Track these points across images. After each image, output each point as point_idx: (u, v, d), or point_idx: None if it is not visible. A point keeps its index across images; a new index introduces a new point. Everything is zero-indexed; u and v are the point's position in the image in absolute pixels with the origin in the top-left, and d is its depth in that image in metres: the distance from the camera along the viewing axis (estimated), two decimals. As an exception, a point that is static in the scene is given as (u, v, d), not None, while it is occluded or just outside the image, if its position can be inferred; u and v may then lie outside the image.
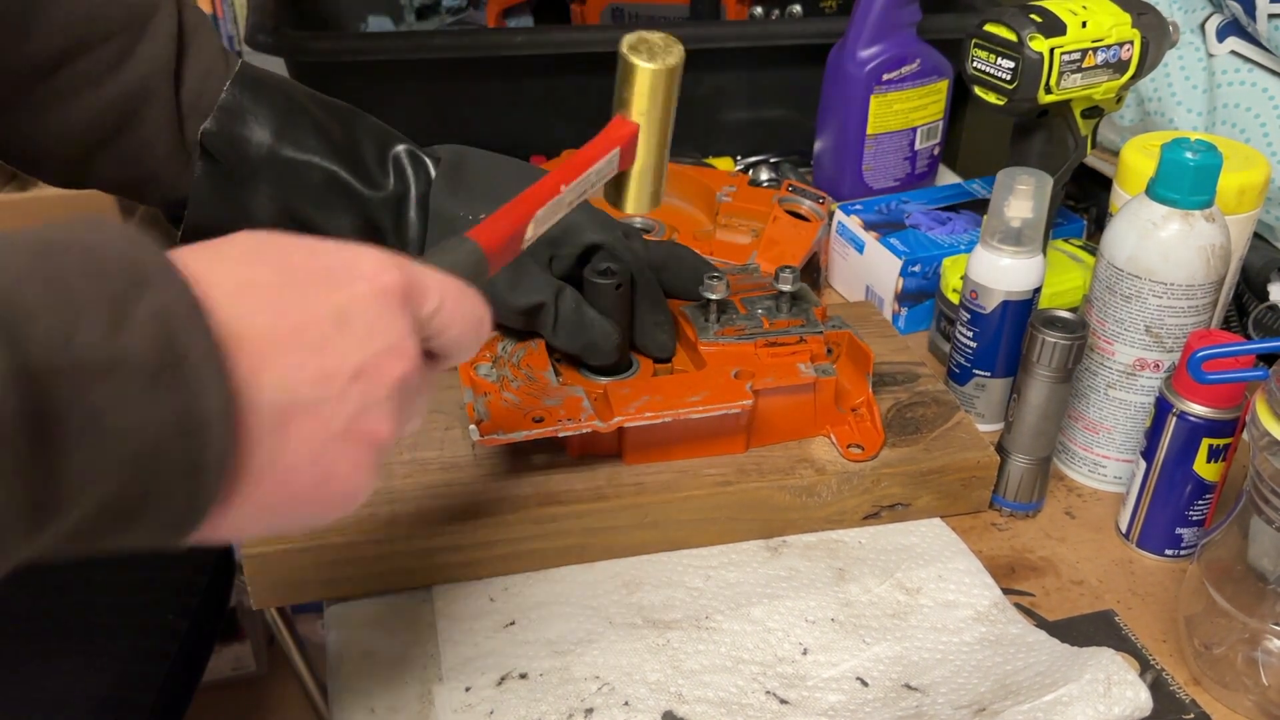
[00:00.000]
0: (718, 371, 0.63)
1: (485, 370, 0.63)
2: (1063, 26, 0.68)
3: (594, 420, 0.58)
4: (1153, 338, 0.62)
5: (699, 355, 0.64)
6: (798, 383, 0.62)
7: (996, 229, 0.66)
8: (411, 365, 0.37)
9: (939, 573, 0.60)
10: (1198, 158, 0.58)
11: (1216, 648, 0.55)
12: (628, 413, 0.58)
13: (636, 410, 0.59)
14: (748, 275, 0.73)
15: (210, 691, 1.24)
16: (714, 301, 0.65)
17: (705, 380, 0.62)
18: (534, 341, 0.65)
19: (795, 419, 0.63)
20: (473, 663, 0.54)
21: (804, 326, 0.65)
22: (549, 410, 0.59)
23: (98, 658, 0.83)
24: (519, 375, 0.62)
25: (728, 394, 0.60)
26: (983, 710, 0.51)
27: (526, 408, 0.59)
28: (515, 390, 0.61)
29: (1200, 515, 0.61)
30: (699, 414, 0.59)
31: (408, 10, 1.21)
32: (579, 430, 0.58)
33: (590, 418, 0.58)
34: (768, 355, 0.64)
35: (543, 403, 0.59)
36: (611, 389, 0.61)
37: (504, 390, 0.61)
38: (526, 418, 0.58)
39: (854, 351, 0.65)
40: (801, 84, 1.00)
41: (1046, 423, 0.63)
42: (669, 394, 0.60)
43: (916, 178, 1.00)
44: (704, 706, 0.52)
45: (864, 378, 0.64)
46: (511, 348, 0.65)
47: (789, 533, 0.63)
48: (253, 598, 0.57)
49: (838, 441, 0.63)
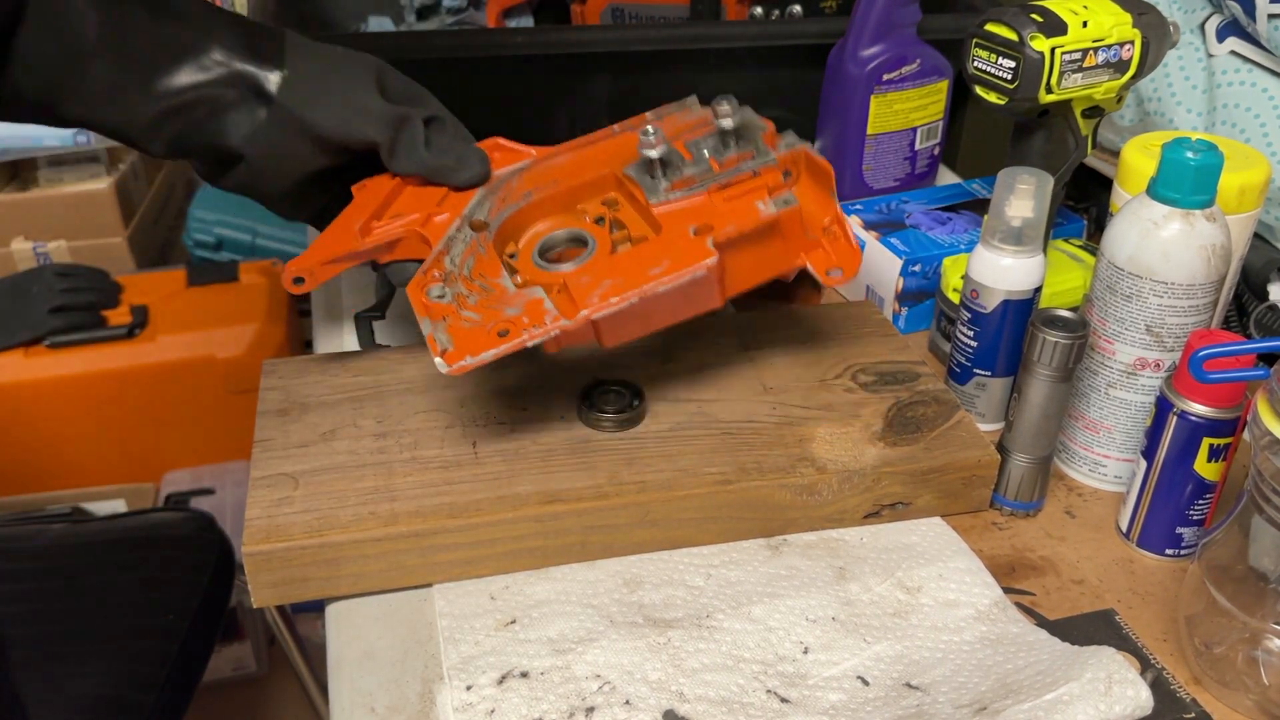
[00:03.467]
0: (676, 233, 0.60)
1: (438, 292, 0.60)
2: (1064, 26, 0.68)
3: (560, 321, 0.57)
4: (1153, 337, 0.62)
5: (654, 218, 0.62)
6: (760, 224, 0.60)
7: (997, 229, 0.66)
8: None
9: (940, 572, 0.60)
10: (1198, 157, 0.58)
11: (1217, 647, 0.55)
12: (591, 303, 0.57)
13: (600, 298, 0.57)
14: (685, 110, 0.71)
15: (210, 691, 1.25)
16: (656, 159, 0.62)
17: (665, 246, 0.60)
18: (480, 245, 0.63)
19: (766, 258, 0.62)
20: (473, 661, 0.54)
21: (755, 159, 0.63)
22: (512, 321, 0.57)
23: (98, 658, 0.83)
24: (474, 289, 0.60)
25: (689, 255, 0.58)
26: (984, 709, 0.51)
27: (489, 323, 0.57)
28: (473, 306, 0.59)
29: (1201, 515, 0.61)
30: (665, 286, 0.57)
31: (408, 10, 1.21)
32: (546, 336, 0.57)
33: (555, 319, 0.57)
34: (723, 201, 0.61)
35: (504, 313, 0.58)
36: (570, 279, 0.59)
37: (462, 310, 0.59)
38: (491, 334, 0.56)
39: (813, 169, 0.63)
40: (801, 84, 1.00)
41: (1047, 422, 0.63)
42: (630, 271, 0.58)
43: (916, 178, 1.00)
44: (705, 705, 0.52)
45: (828, 194, 0.62)
46: (460, 257, 0.63)
47: (790, 531, 0.63)
48: (253, 597, 0.57)
49: (815, 270, 0.61)
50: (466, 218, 0.66)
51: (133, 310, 1.56)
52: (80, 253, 1.98)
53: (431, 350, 0.57)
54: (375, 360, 0.70)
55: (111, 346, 1.53)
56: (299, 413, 0.65)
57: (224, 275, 1.67)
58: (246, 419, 0.70)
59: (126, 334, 1.53)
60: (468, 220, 0.66)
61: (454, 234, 0.64)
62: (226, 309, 1.61)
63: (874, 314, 0.77)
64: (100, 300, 1.57)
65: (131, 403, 1.54)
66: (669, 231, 0.61)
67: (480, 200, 0.67)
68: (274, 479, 0.60)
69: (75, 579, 0.92)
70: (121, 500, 1.60)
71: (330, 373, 0.69)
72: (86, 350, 1.52)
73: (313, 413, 0.65)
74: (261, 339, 1.58)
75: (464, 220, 0.66)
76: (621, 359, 0.71)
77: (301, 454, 0.62)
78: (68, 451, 1.56)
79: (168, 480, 1.61)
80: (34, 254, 1.97)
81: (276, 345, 1.60)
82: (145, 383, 1.54)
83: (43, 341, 1.50)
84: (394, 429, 0.64)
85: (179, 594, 0.93)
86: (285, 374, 0.69)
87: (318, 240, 0.68)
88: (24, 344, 1.50)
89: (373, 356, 0.71)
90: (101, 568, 0.93)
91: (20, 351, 1.50)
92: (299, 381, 0.68)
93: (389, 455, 0.62)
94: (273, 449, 0.62)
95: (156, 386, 1.54)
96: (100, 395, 1.52)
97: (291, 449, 0.62)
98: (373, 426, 0.64)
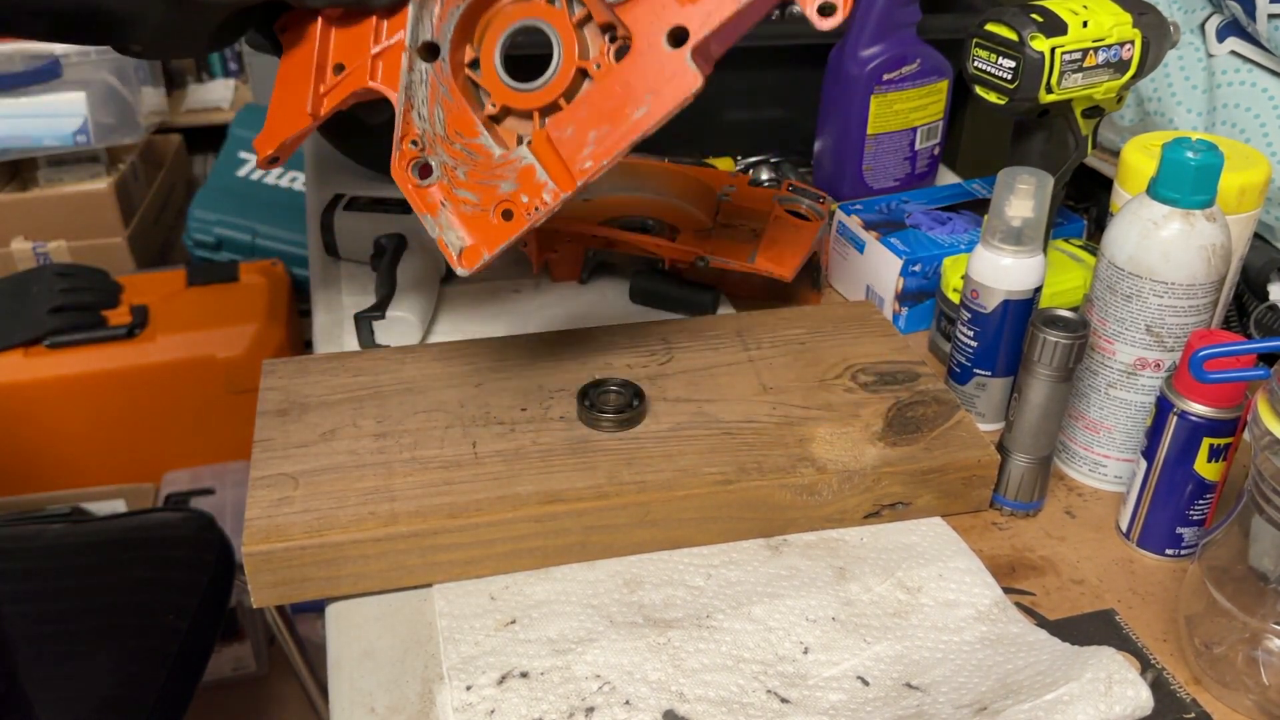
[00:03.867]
0: (648, 46, 0.55)
1: (427, 174, 0.57)
2: (1064, 26, 0.68)
3: (560, 195, 0.55)
4: (1153, 337, 0.62)
5: (618, 20, 0.56)
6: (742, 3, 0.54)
7: (997, 228, 0.66)
8: None
9: (940, 572, 0.60)
10: (1199, 157, 0.58)
11: (1217, 647, 0.55)
12: (585, 169, 0.55)
13: (592, 157, 0.55)
14: None
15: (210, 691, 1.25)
16: None
17: (640, 67, 0.55)
18: (441, 82, 0.59)
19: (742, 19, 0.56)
20: (473, 661, 0.54)
21: None
22: (510, 199, 0.55)
23: (98, 658, 0.83)
24: (457, 155, 0.57)
25: (671, 82, 0.54)
26: (984, 709, 0.51)
27: (488, 204, 0.55)
28: (465, 183, 0.56)
29: (1201, 515, 0.61)
30: (654, 127, 0.54)
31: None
32: (550, 213, 0.55)
33: (555, 194, 0.55)
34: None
35: (500, 190, 0.56)
36: (553, 133, 0.55)
37: (455, 189, 0.56)
38: (496, 218, 0.55)
39: None
40: (801, 84, 1.00)
41: (1047, 422, 0.63)
42: (612, 114, 0.55)
43: (916, 178, 1.00)
44: (705, 705, 0.52)
45: None
46: (426, 108, 0.58)
47: (790, 531, 0.63)
48: (253, 597, 0.57)
49: (804, 4, 0.55)
50: (412, 47, 0.60)
51: (133, 310, 1.56)
52: (80, 253, 1.98)
53: (447, 258, 0.54)
54: (375, 360, 0.70)
55: (111, 346, 1.53)
56: (299, 413, 0.65)
57: (224, 275, 1.67)
58: (246, 419, 0.70)
59: (126, 334, 1.54)
60: (415, 50, 0.60)
61: (408, 76, 0.59)
62: (226, 309, 1.61)
63: (874, 314, 0.77)
64: (100, 300, 1.57)
65: (131, 403, 1.54)
66: (639, 40, 0.55)
67: (418, 17, 0.60)
68: (274, 479, 0.60)
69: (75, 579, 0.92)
70: (121, 500, 1.61)
71: (330, 373, 0.69)
72: (86, 350, 1.52)
73: (313, 413, 0.65)
74: (261, 339, 1.58)
75: (411, 52, 0.60)
76: (621, 359, 0.71)
77: (301, 454, 0.62)
78: (68, 451, 1.56)
79: (167, 480, 1.61)
80: (34, 254, 1.97)
81: (276, 345, 1.60)
82: (145, 383, 1.54)
83: (43, 341, 1.50)
84: (394, 429, 0.64)
85: (179, 594, 0.94)
86: (285, 374, 0.69)
87: (272, 114, 0.64)
88: (24, 344, 1.50)
89: (373, 356, 0.71)
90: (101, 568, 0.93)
91: (20, 351, 1.50)
92: (299, 381, 0.68)
93: (389, 455, 0.62)
94: (273, 449, 0.62)
95: (156, 386, 1.54)
96: (100, 395, 1.52)
97: (291, 449, 0.62)
98: (373, 426, 0.64)
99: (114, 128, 2.00)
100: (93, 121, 1.93)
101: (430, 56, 0.60)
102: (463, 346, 0.72)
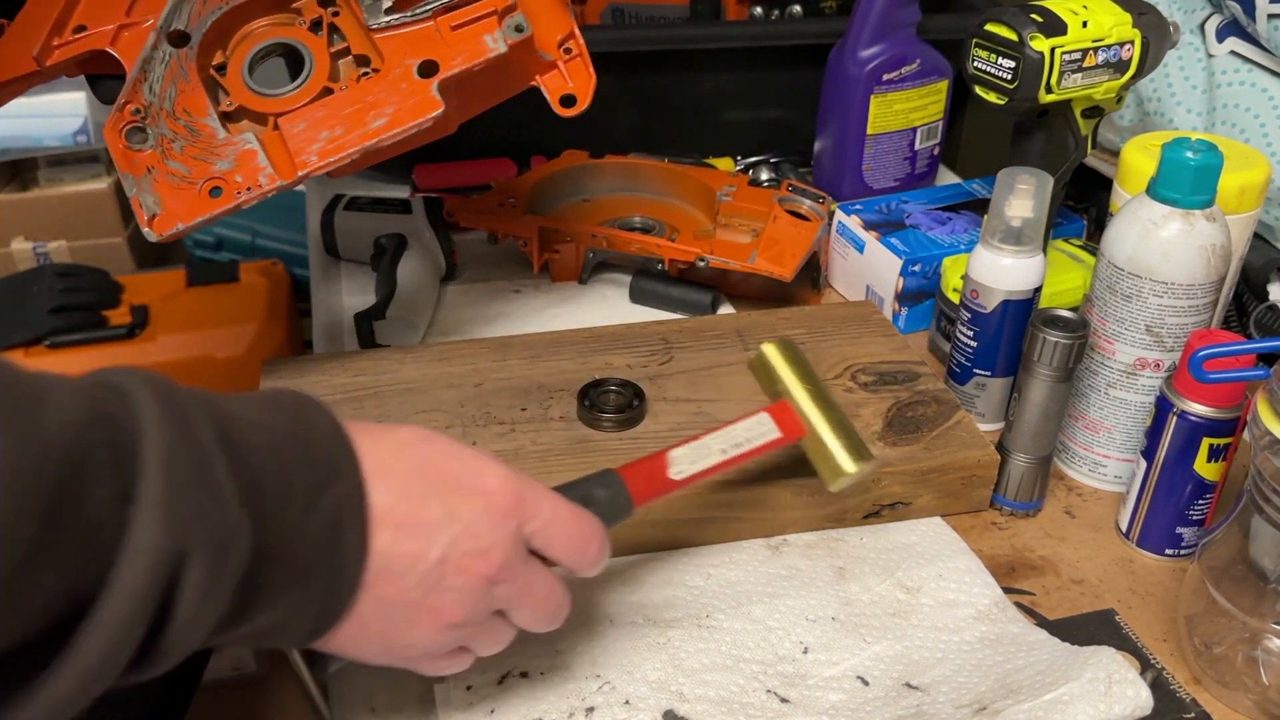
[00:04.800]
0: (399, 69, 0.56)
1: (141, 140, 0.56)
2: (1063, 26, 0.68)
3: (276, 181, 0.55)
4: (1153, 337, 0.62)
5: (375, 46, 0.58)
6: (487, 61, 0.56)
7: (997, 228, 0.66)
8: (495, 569, 0.44)
9: (939, 571, 0.60)
10: (1198, 157, 0.58)
11: (1217, 647, 0.55)
12: (309, 162, 0.55)
13: (319, 153, 0.55)
14: None
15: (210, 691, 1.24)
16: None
17: (387, 87, 0.56)
18: (182, 67, 0.59)
19: (495, 85, 0.59)
20: (473, 661, 0.54)
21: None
22: (224, 178, 0.55)
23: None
24: (179, 130, 0.56)
25: (414, 103, 0.55)
26: (983, 709, 0.51)
27: (199, 179, 0.55)
28: (180, 156, 0.55)
29: (1200, 515, 0.61)
30: (390, 138, 0.55)
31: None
32: (262, 196, 0.54)
33: (272, 178, 0.55)
34: (448, 30, 0.57)
35: (215, 167, 0.55)
36: (285, 125, 0.56)
37: (168, 160, 0.56)
38: (203, 193, 0.54)
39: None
40: (801, 84, 1.00)
41: (1047, 422, 0.63)
42: (350, 118, 0.56)
43: (916, 178, 1.00)
44: (705, 705, 0.52)
45: (563, 8, 0.58)
46: (160, 84, 0.58)
47: (789, 531, 0.63)
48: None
49: (549, 94, 0.58)
50: (163, 30, 0.60)
51: (133, 310, 1.56)
52: (80, 253, 1.98)
53: (138, 218, 0.54)
54: (375, 360, 0.70)
55: (111, 346, 1.53)
56: (299, 413, 0.65)
57: (224, 275, 1.67)
58: (246, 419, 0.70)
59: (126, 334, 1.53)
60: (165, 33, 0.60)
61: (150, 53, 0.59)
62: (226, 309, 1.61)
63: (874, 314, 0.77)
64: (100, 300, 1.57)
65: (132, 403, 1.54)
66: (391, 65, 0.57)
67: (176, 6, 0.60)
68: (274, 479, 0.60)
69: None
70: (122, 500, 1.60)
71: (330, 373, 0.69)
72: (86, 350, 1.51)
73: (313, 413, 0.65)
74: (261, 339, 1.58)
75: (160, 33, 0.60)
76: (621, 359, 0.71)
77: (301, 454, 0.62)
78: (68, 451, 1.56)
79: (168, 480, 1.61)
80: (34, 254, 1.97)
81: (276, 345, 1.60)
82: (145, 383, 1.53)
83: (43, 341, 1.50)
84: (394, 429, 0.64)
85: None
86: (285, 374, 0.69)
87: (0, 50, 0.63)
88: (24, 344, 1.50)
89: (373, 356, 0.71)
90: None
91: (20, 351, 1.49)
92: (299, 381, 0.68)
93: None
94: (273, 449, 0.62)
95: (157, 386, 1.54)
96: (100, 395, 1.52)
97: (291, 449, 0.62)
98: (373, 426, 0.64)
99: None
100: (93, 121, 1.93)
101: (179, 44, 0.60)
102: (463, 346, 0.72)
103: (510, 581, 0.44)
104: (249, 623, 0.39)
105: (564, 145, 0.96)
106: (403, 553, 0.42)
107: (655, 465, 0.53)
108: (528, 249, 0.87)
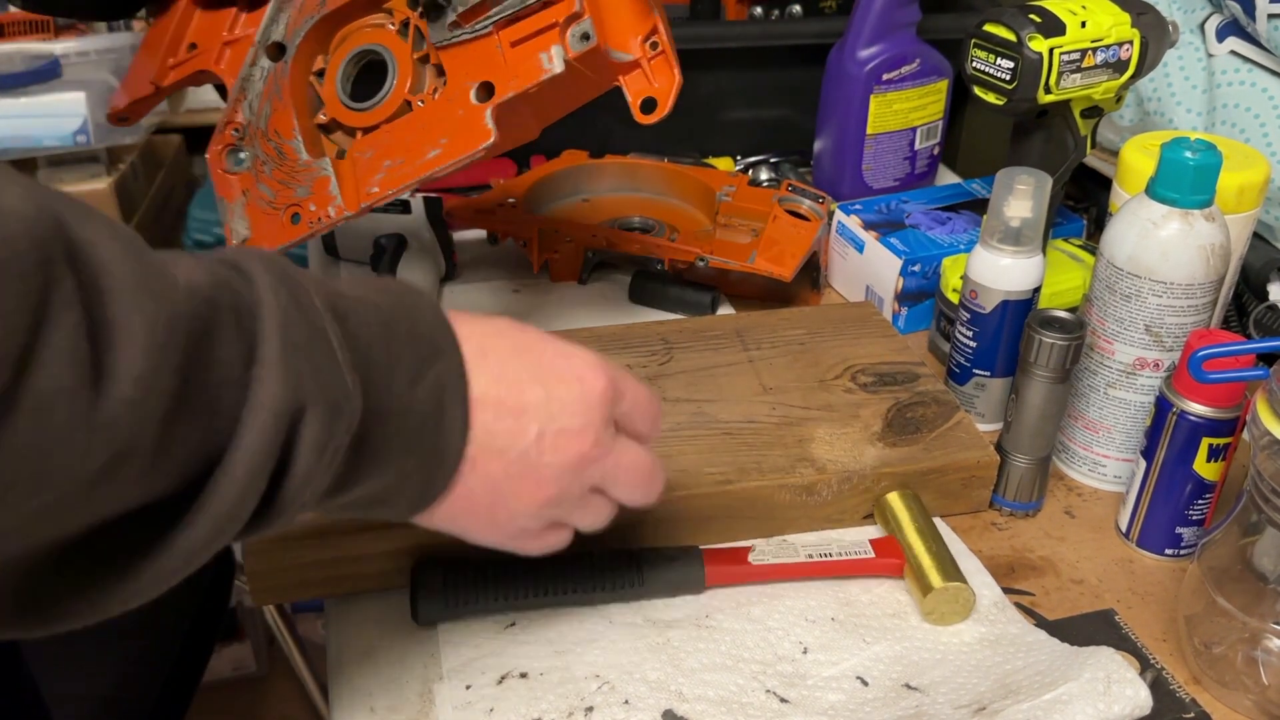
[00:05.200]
0: (458, 93, 0.57)
1: (239, 161, 0.58)
2: (1062, 26, 0.68)
3: (344, 212, 0.56)
4: (1153, 337, 0.62)
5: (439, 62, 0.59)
6: (542, 79, 0.55)
7: (996, 229, 0.66)
8: (589, 447, 0.46)
9: (939, 572, 0.60)
10: (1198, 157, 0.58)
11: (1216, 647, 0.55)
12: (371, 193, 0.57)
13: (380, 184, 0.57)
14: None
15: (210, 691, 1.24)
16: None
17: (444, 115, 0.57)
18: (276, 83, 0.60)
19: (573, 91, 0.58)
20: (473, 662, 0.54)
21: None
22: (301, 204, 0.57)
23: (98, 658, 0.83)
24: (269, 151, 0.58)
25: (468, 132, 0.56)
26: (983, 709, 0.51)
27: (281, 204, 0.57)
28: (269, 180, 0.57)
29: (1200, 515, 0.61)
30: (443, 169, 0.56)
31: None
32: (331, 227, 0.56)
33: (340, 210, 0.56)
34: (509, 45, 0.56)
35: (295, 193, 0.57)
36: (354, 153, 0.57)
37: (259, 183, 0.57)
38: (285, 219, 0.56)
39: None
40: (801, 84, 1.00)
41: (1045, 423, 0.63)
42: (410, 148, 0.57)
43: (916, 178, 1.00)
44: (704, 705, 0.52)
45: (644, 5, 0.56)
46: (258, 101, 0.60)
47: (789, 532, 0.63)
48: (253, 596, 0.57)
49: (630, 97, 0.57)
50: (261, 43, 0.61)
51: (133, 310, 1.56)
52: (80, 253, 1.98)
53: (229, 243, 0.56)
54: (375, 360, 0.70)
55: (112, 346, 1.53)
56: (299, 413, 0.65)
57: (224, 275, 1.67)
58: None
59: (126, 334, 1.53)
60: (263, 46, 0.61)
61: (249, 69, 0.61)
62: (226, 309, 1.61)
63: (874, 314, 0.77)
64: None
65: (132, 403, 1.54)
66: (451, 89, 0.57)
67: (274, 16, 0.62)
68: (274, 479, 0.60)
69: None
70: (122, 500, 1.60)
71: (330, 373, 0.69)
72: (87, 350, 1.51)
73: (312, 413, 0.65)
74: (261, 339, 1.58)
75: (259, 47, 0.61)
76: (621, 359, 0.71)
77: (301, 454, 0.62)
78: (68, 451, 1.56)
79: (168, 480, 1.61)
80: (34, 254, 1.97)
81: (276, 345, 1.60)
82: (145, 383, 1.53)
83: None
84: (394, 429, 0.64)
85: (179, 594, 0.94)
86: (285, 374, 0.69)
87: (131, 74, 0.67)
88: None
89: (372, 357, 0.71)
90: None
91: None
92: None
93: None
94: (272, 449, 0.62)
95: (157, 386, 1.54)
96: (100, 395, 1.52)
97: (291, 449, 0.62)
98: (372, 427, 0.64)
99: (114, 128, 2.00)
100: (93, 121, 1.93)
101: (276, 56, 0.61)
102: (462, 347, 0.72)
103: (603, 460, 0.47)
104: (359, 486, 0.41)
105: (563, 145, 0.96)
106: (503, 429, 0.44)
107: (737, 559, 0.58)
108: (527, 249, 0.87)
